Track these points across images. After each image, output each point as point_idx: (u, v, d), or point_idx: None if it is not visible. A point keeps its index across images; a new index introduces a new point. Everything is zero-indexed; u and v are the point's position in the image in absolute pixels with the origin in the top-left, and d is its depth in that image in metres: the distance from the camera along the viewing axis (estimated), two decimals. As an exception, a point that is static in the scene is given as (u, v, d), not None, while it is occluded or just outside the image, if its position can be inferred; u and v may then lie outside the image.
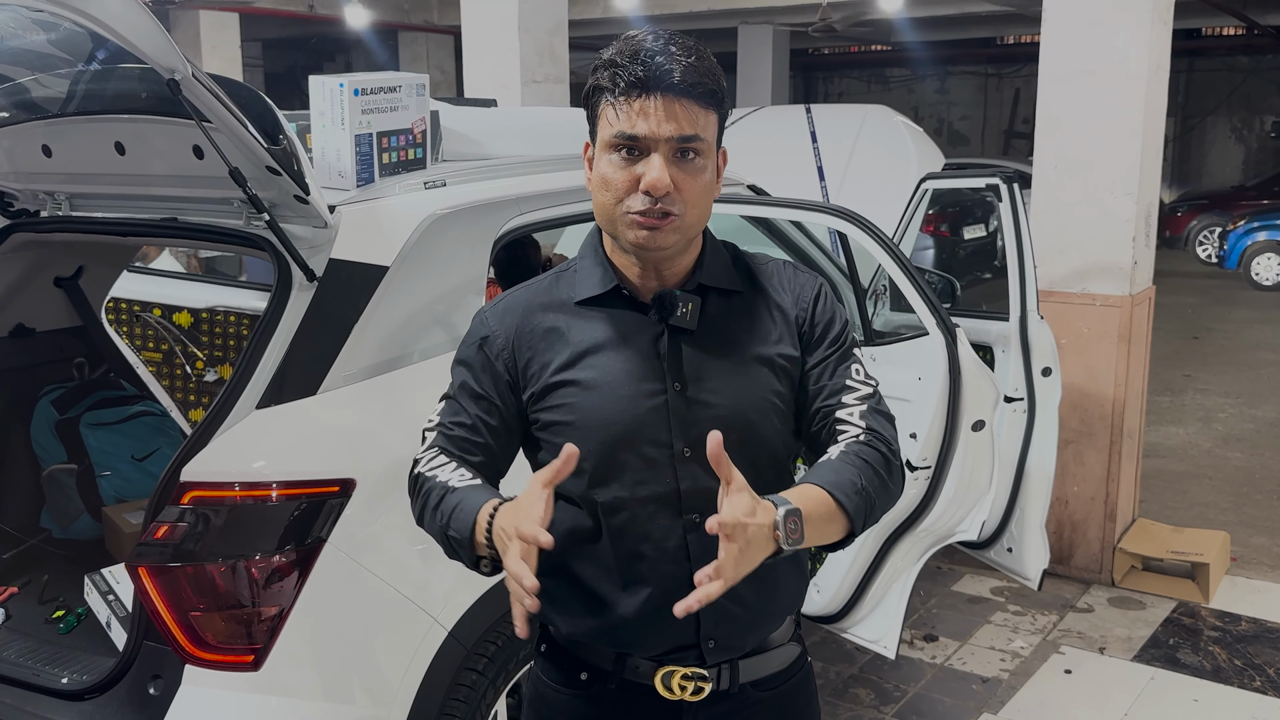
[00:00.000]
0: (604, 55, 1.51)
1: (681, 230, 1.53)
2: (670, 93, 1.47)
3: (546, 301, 1.63)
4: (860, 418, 1.60)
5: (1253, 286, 12.66)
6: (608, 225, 1.57)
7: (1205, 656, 4.04)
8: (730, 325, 1.62)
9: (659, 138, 1.47)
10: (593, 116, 1.55)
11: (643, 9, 12.47)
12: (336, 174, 2.58)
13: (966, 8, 12.74)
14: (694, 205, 1.52)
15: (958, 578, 4.69)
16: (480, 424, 1.62)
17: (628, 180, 1.50)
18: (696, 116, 1.49)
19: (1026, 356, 3.78)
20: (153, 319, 3.79)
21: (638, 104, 1.47)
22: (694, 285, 1.60)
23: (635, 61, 1.47)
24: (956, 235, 10.34)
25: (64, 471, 3.33)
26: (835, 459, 1.55)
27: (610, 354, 1.58)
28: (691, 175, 1.51)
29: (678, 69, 1.47)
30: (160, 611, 2.12)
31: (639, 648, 1.62)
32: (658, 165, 1.48)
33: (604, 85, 1.50)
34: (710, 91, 1.50)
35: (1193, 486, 5.90)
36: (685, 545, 1.57)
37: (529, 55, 5.86)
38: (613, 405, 1.56)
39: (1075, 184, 4.47)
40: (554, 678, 1.69)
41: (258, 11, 12.62)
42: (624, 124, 1.48)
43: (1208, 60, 18.23)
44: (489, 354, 1.62)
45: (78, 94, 2.50)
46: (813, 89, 22.30)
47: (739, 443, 1.53)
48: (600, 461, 1.56)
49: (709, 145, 1.52)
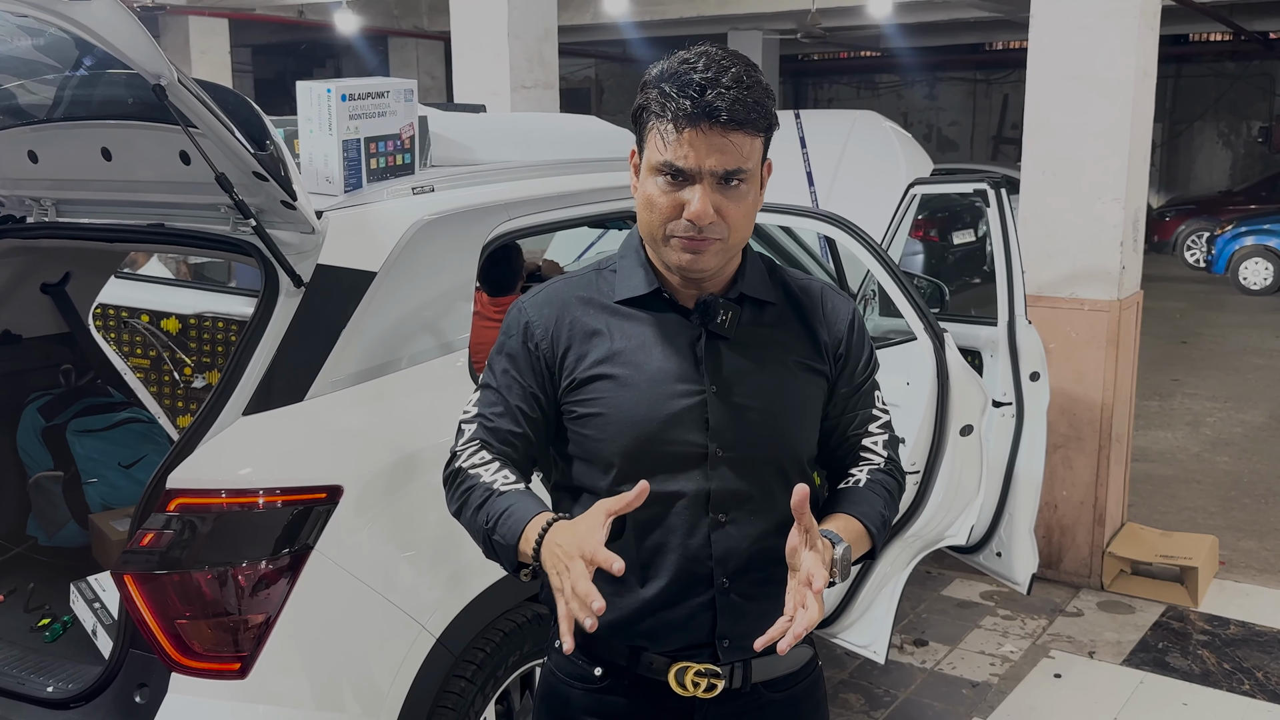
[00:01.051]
0: (653, 72, 1.54)
1: (724, 252, 1.58)
2: (717, 127, 1.49)
3: (587, 297, 1.66)
4: (883, 447, 1.75)
5: (1241, 291, 12.71)
6: (651, 243, 1.60)
7: (1194, 660, 4.04)
8: (765, 335, 1.66)
9: (704, 170, 1.50)
10: (640, 133, 1.58)
11: (632, 15, 12.48)
12: (324, 179, 2.57)
13: (955, 14, 12.77)
14: (737, 227, 1.56)
15: (947, 582, 4.70)
16: (520, 414, 1.64)
17: (672, 205, 1.53)
18: (742, 147, 1.51)
19: (1015, 361, 3.79)
20: (140, 325, 3.78)
21: (686, 135, 1.49)
22: (735, 294, 1.64)
23: (684, 94, 1.49)
24: (945, 240, 10.36)
25: (50, 479, 3.31)
26: (864, 488, 1.69)
27: (648, 352, 1.61)
28: (735, 201, 1.54)
29: (724, 104, 1.48)
30: (146, 619, 2.11)
31: (654, 643, 1.64)
32: (700, 196, 1.51)
33: (653, 110, 1.53)
34: (758, 120, 1.52)
35: (1181, 491, 5.92)
36: (709, 543, 1.61)
37: (519, 61, 5.86)
38: (648, 402, 1.59)
39: (1063, 189, 4.48)
40: (568, 672, 1.71)
41: (247, 17, 12.60)
42: (670, 154, 1.51)
43: (1194, 66, 18.31)
44: (529, 344, 1.65)
45: (64, 100, 2.49)
46: (802, 95, 22.34)
47: (770, 448, 1.63)
48: (631, 456, 1.59)
49: (753, 171, 1.55)
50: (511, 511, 1.54)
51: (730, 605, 1.61)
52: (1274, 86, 18.05)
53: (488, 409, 1.66)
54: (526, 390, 1.64)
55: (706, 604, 1.62)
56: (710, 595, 1.62)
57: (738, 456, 1.61)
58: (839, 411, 1.73)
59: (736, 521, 1.61)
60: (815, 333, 1.69)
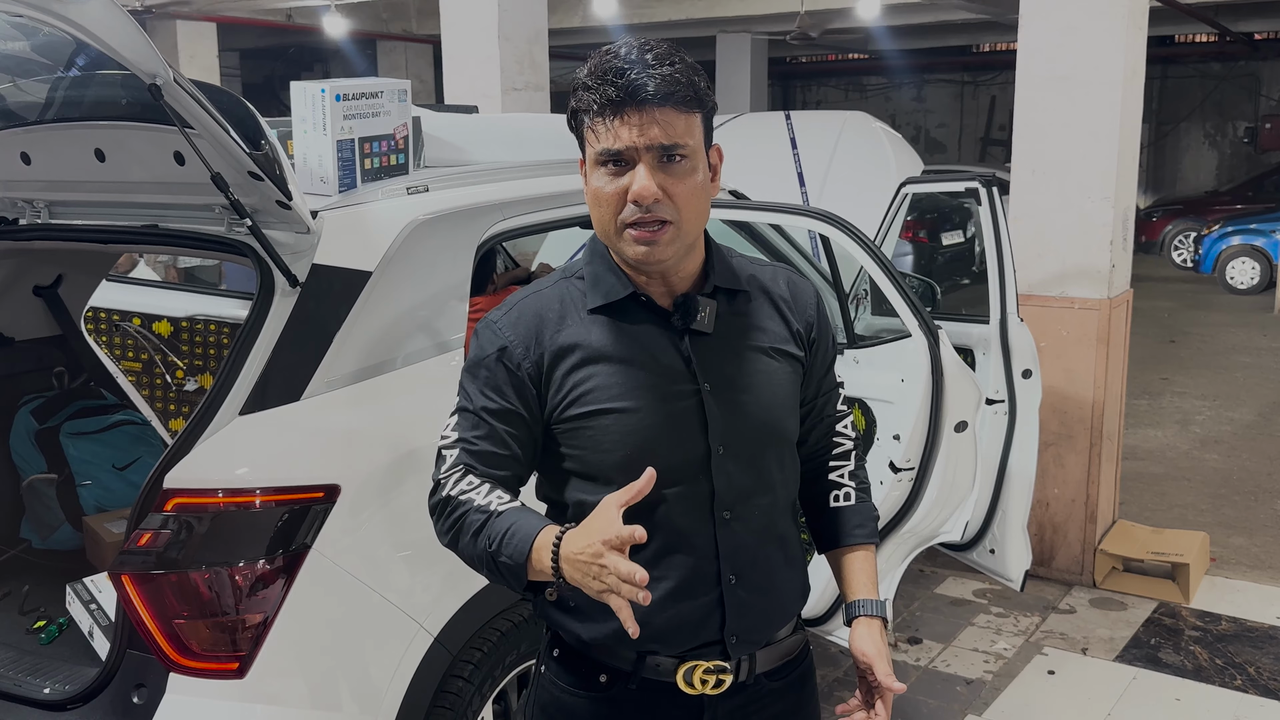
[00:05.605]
0: (579, 76, 1.54)
1: (679, 238, 1.55)
2: (647, 104, 1.48)
3: (560, 310, 1.62)
4: (849, 428, 1.83)
5: (1228, 290, 12.77)
6: (608, 240, 1.58)
7: (1186, 656, 4.06)
8: (742, 324, 1.65)
9: (640, 147, 1.49)
10: (579, 137, 1.57)
11: (621, 18, 12.48)
12: (319, 179, 2.57)
13: (942, 16, 12.80)
14: (687, 208, 1.53)
15: (940, 580, 4.71)
16: (507, 436, 1.59)
17: (617, 193, 1.52)
18: (676, 123, 1.50)
19: (1007, 359, 3.80)
20: (132, 328, 3.76)
21: (616, 120, 1.49)
22: (709, 288, 1.63)
23: (607, 81, 1.49)
24: (935, 241, 10.39)
25: (44, 481, 3.30)
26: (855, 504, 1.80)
27: (636, 358, 1.58)
28: (679, 179, 1.52)
29: (650, 81, 1.48)
30: (144, 620, 2.11)
31: (664, 646, 1.63)
32: (643, 174, 1.50)
33: (583, 107, 1.53)
34: (688, 96, 1.51)
35: (1171, 488, 5.94)
36: (715, 542, 1.60)
37: (509, 63, 5.86)
38: (648, 408, 1.57)
39: (1053, 188, 4.50)
40: (570, 681, 1.68)
41: (236, 21, 12.57)
42: (606, 141, 1.50)
43: (1181, 67, 18.40)
44: (508, 364, 1.59)
45: (57, 101, 2.49)
46: (791, 97, 22.38)
47: (766, 437, 1.64)
48: (632, 465, 1.54)
49: (694, 147, 1.53)
50: (515, 530, 1.48)
51: (738, 601, 1.61)
52: (1260, 87, 18.15)
53: (469, 433, 1.59)
54: (510, 411, 1.58)
55: (715, 602, 1.61)
56: (718, 593, 1.61)
57: (738, 451, 1.61)
58: (814, 393, 1.75)
59: (740, 517, 1.61)
60: (787, 319, 1.69)
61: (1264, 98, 18.13)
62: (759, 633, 1.66)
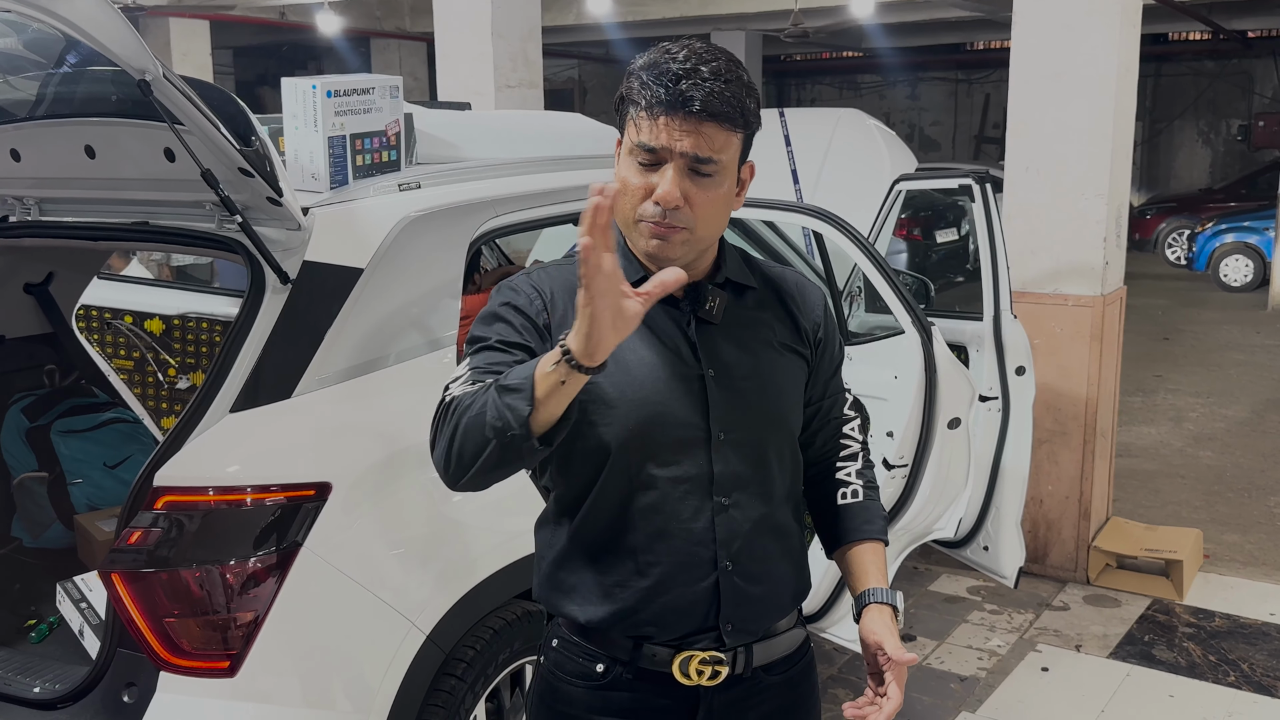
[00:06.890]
0: (636, 62, 1.56)
1: (691, 244, 1.57)
2: (691, 116, 1.50)
3: (572, 285, 1.57)
4: (858, 430, 1.84)
5: (1221, 288, 12.80)
6: (625, 230, 1.60)
7: (1180, 653, 4.07)
8: (749, 318, 1.68)
9: (674, 151, 1.51)
10: (621, 120, 1.59)
11: (615, 16, 12.49)
12: (310, 176, 2.56)
13: (937, 14, 12.82)
14: (705, 220, 1.56)
15: (934, 577, 4.71)
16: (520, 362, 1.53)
17: (643, 187, 1.54)
18: (715, 138, 1.52)
19: (1000, 356, 3.81)
20: (124, 326, 3.75)
21: (660, 121, 1.51)
22: (721, 280, 1.66)
23: (660, 82, 1.50)
24: (929, 239, 10.40)
25: (35, 480, 3.29)
26: (863, 501, 1.79)
27: (642, 338, 1.60)
28: (704, 190, 1.54)
29: (699, 94, 1.49)
30: (134, 618, 2.10)
31: (658, 631, 1.63)
32: (669, 178, 1.51)
33: (632, 97, 1.54)
34: (733, 115, 1.52)
35: (1165, 485, 5.95)
36: (712, 527, 1.61)
37: (502, 61, 5.85)
38: (649, 386, 1.59)
39: (1046, 186, 4.51)
40: (569, 671, 1.69)
41: (229, 19, 12.54)
42: (645, 135, 1.52)
43: (1174, 65, 18.43)
44: (526, 310, 1.59)
45: (47, 97, 2.47)
46: (785, 95, 22.39)
47: (767, 428, 1.66)
48: (632, 443, 1.57)
49: (725, 163, 1.55)
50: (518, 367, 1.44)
51: (733, 588, 1.62)
52: (1253, 85, 18.19)
53: (480, 360, 1.53)
54: (526, 346, 1.55)
55: (710, 588, 1.62)
56: (714, 579, 1.62)
57: (738, 438, 1.62)
58: (821, 394, 1.77)
59: (739, 504, 1.62)
60: (795, 317, 1.72)
61: (1257, 95, 18.17)
62: (755, 623, 1.67)
